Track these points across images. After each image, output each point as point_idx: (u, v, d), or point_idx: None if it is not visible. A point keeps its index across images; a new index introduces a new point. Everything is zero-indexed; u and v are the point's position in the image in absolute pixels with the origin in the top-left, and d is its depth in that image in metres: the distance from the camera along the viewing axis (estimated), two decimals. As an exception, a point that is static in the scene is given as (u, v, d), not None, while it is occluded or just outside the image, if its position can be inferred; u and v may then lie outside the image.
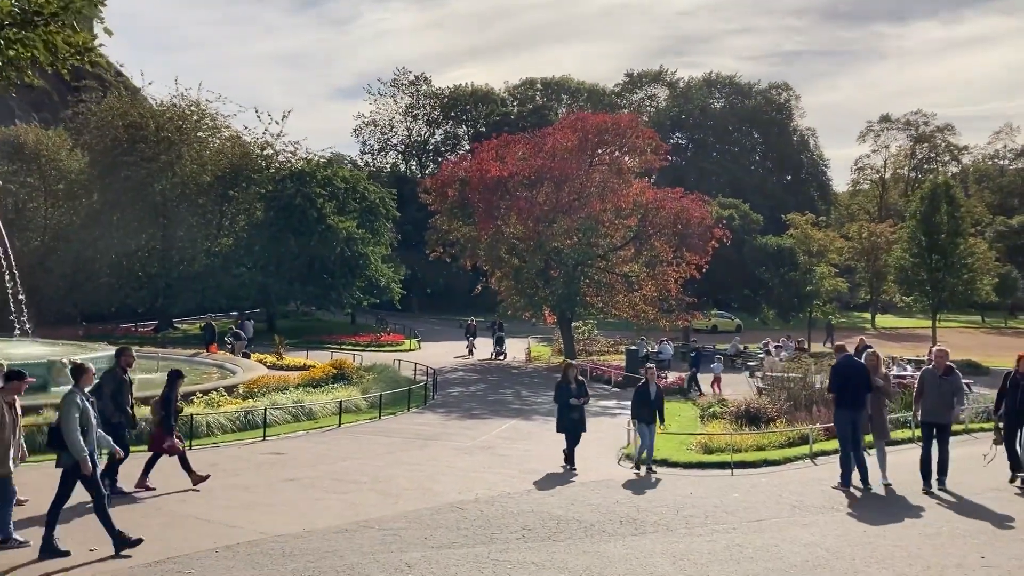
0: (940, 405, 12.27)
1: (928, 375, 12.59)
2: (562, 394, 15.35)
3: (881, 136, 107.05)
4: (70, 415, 8.80)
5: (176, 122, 48.93)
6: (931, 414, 12.37)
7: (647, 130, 40.95)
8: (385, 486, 12.71)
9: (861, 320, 74.00)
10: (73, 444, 8.76)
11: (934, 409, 12.33)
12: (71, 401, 8.92)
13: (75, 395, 8.98)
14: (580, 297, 36.89)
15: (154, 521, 10.35)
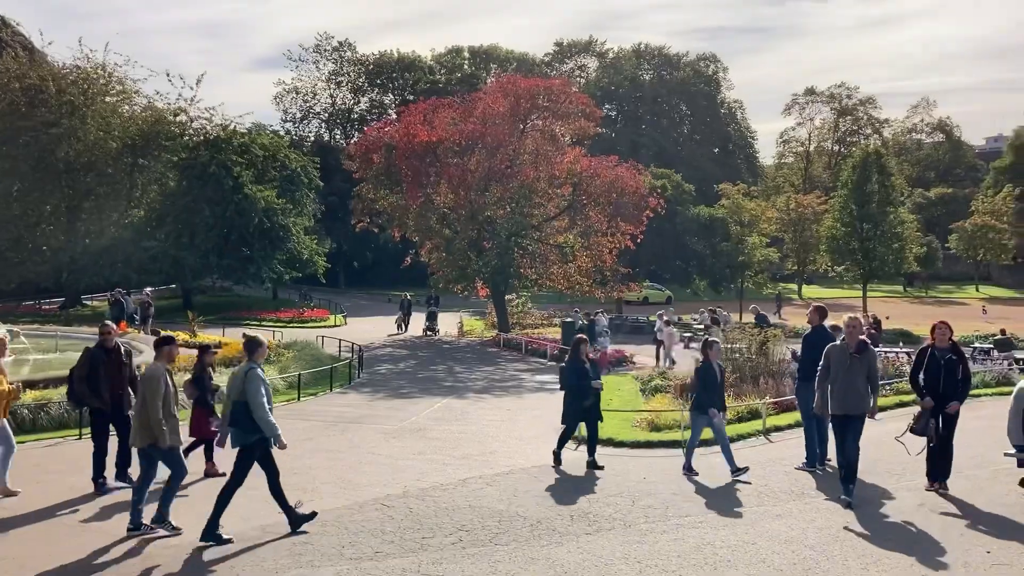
0: (850, 391, 9.57)
1: (836, 353, 9.77)
2: (574, 375, 12.29)
3: (806, 109, 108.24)
4: (258, 391, 8.38)
5: (80, 85, 45.66)
6: (841, 403, 9.67)
7: (580, 95, 39.65)
8: (300, 479, 11.18)
9: (788, 291, 74.62)
10: (266, 421, 8.42)
11: (844, 396, 9.63)
12: (256, 376, 8.48)
13: (256, 370, 8.56)
14: (514, 269, 35.56)
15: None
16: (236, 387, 8.52)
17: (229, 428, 8.59)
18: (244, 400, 8.42)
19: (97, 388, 10.75)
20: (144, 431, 8.69)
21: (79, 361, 11.03)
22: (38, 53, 49.93)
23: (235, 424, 8.52)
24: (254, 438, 8.52)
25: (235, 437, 8.56)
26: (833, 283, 77.41)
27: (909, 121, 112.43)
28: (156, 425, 8.57)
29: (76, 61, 46.94)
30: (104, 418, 10.98)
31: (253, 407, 8.37)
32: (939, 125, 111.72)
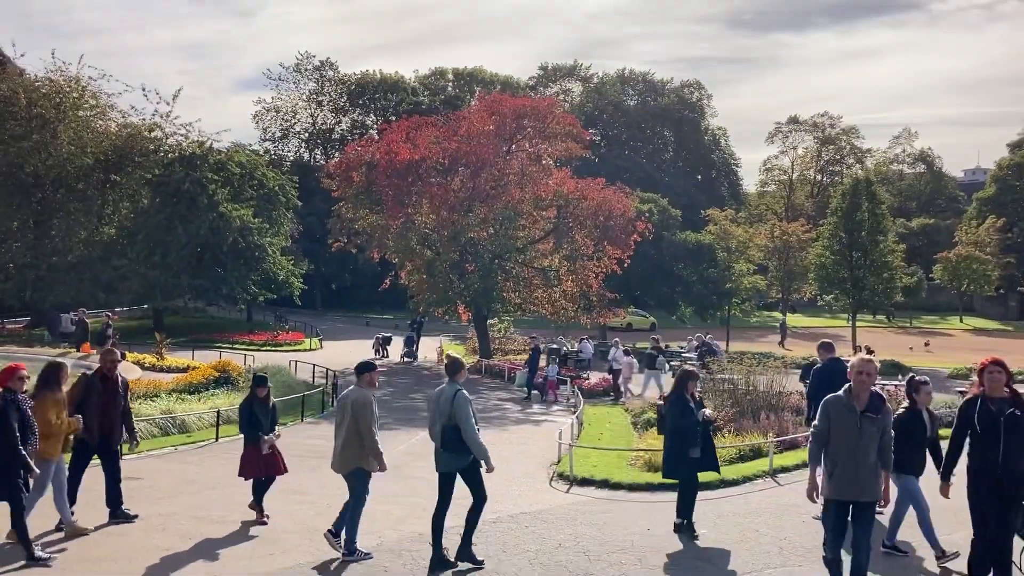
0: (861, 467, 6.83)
1: (838, 411, 6.96)
2: (679, 414, 9.71)
3: (789, 137, 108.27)
4: (469, 414, 8.35)
5: (52, 98, 44.22)
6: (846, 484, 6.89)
7: (567, 116, 38.78)
8: (261, 527, 9.90)
9: (772, 319, 73.80)
10: (477, 444, 8.40)
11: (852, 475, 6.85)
12: (465, 399, 8.39)
13: (464, 392, 8.46)
14: (497, 292, 34.40)
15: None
16: (444, 410, 8.41)
17: (442, 452, 8.52)
18: (454, 423, 8.31)
19: (86, 418, 9.80)
20: (351, 456, 8.81)
21: (73, 387, 10.01)
22: (10, 65, 48.50)
23: (448, 448, 8.44)
24: (468, 460, 8.46)
25: (449, 461, 8.52)
26: (817, 312, 76.76)
27: (891, 151, 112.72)
28: (373, 450, 8.79)
29: (49, 74, 45.54)
30: (87, 450, 10.17)
31: (465, 430, 8.29)
32: (920, 155, 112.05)
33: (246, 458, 10.65)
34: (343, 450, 8.85)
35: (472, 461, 8.48)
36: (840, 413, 6.97)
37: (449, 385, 8.53)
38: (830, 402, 7.09)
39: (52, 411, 9.18)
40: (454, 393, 8.39)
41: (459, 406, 8.31)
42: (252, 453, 10.60)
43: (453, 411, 8.32)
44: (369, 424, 8.72)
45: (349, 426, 8.76)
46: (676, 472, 9.95)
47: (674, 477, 10.03)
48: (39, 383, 9.32)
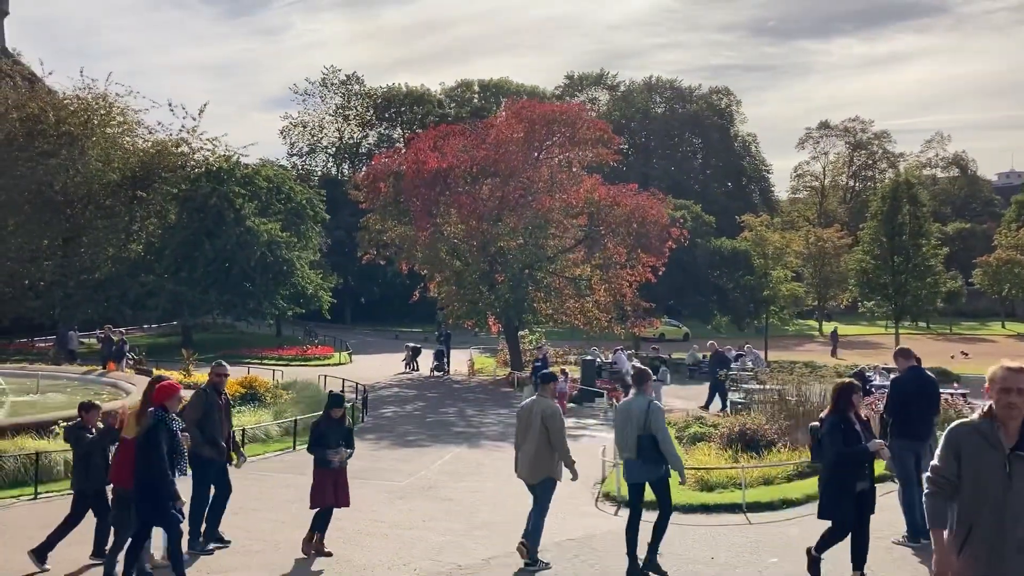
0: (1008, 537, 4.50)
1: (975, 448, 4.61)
2: (840, 439, 7.71)
3: (820, 143, 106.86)
4: (664, 425, 8.44)
5: (80, 115, 44.18)
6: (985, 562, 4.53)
7: (598, 121, 37.92)
8: (284, 559, 9.13)
9: (808, 327, 72.25)
10: (674, 455, 8.56)
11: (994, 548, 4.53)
12: (659, 409, 8.51)
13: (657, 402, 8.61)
14: (528, 303, 33.51)
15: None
16: (638, 422, 8.37)
17: (636, 463, 8.54)
18: (650, 434, 8.30)
19: (212, 435, 9.51)
20: (544, 466, 8.86)
21: (190, 403, 9.54)
22: (39, 83, 48.60)
23: (644, 459, 8.45)
24: (662, 471, 8.51)
25: (643, 472, 8.56)
26: (854, 319, 75.17)
27: (923, 155, 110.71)
28: (566, 458, 8.90)
29: (77, 92, 45.53)
30: (213, 469, 9.69)
31: (662, 440, 8.35)
32: (954, 159, 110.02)
33: (319, 484, 9.69)
34: (536, 460, 8.86)
35: (665, 472, 8.54)
36: (977, 450, 4.62)
37: (639, 396, 8.59)
38: (960, 434, 4.70)
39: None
40: (647, 404, 8.45)
41: (655, 417, 8.35)
42: (324, 479, 9.69)
43: (648, 422, 8.33)
44: (561, 433, 8.86)
45: (539, 436, 8.80)
46: (835, 512, 8.00)
47: (831, 518, 8.13)
48: (144, 400, 8.76)
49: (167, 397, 7.97)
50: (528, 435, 8.92)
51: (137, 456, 7.87)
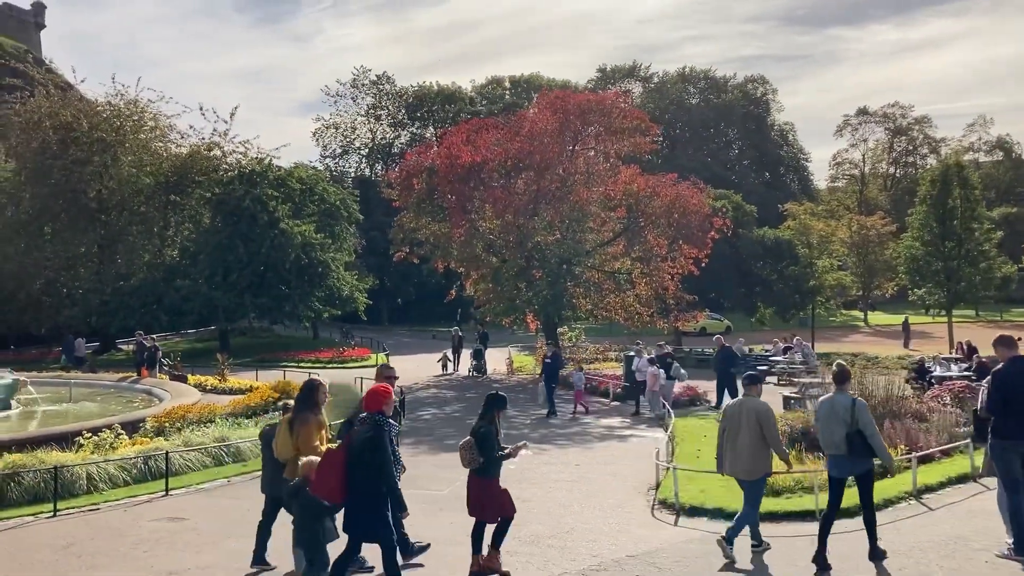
0: None
1: None
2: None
3: (859, 130, 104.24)
4: (871, 420, 8.70)
5: (112, 122, 44.09)
6: None
7: (635, 110, 36.81)
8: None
9: (852, 318, 70.32)
10: (883, 449, 8.86)
11: None
12: (864, 406, 8.70)
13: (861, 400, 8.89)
14: (567, 299, 32.56)
15: None
16: (845, 418, 8.55)
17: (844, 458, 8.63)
18: (858, 429, 8.48)
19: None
20: (762, 464, 9.10)
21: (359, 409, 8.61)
22: (71, 91, 48.64)
23: (854, 454, 8.56)
24: (869, 465, 8.77)
25: (851, 466, 8.68)
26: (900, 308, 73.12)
27: (966, 140, 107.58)
28: (780, 452, 9.25)
29: (109, 98, 45.47)
30: None
31: (871, 435, 8.56)
32: (998, 143, 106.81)
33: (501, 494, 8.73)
34: (754, 458, 9.05)
35: (871, 466, 8.85)
36: None
37: (841, 394, 8.74)
38: None
39: (317, 435, 8.15)
40: (852, 401, 8.63)
41: (862, 413, 8.57)
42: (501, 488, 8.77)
43: (856, 418, 8.51)
44: (776, 430, 9.21)
45: (754, 434, 9.00)
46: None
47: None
48: (298, 404, 8.38)
49: (383, 401, 7.55)
50: (740, 434, 9.11)
51: (354, 465, 7.32)
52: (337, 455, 7.44)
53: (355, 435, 7.44)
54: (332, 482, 7.36)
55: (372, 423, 7.37)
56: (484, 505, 8.60)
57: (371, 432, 7.28)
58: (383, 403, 7.54)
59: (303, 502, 7.34)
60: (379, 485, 7.24)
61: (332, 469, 7.39)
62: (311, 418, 8.22)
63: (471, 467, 8.58)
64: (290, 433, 8.21)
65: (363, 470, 7.24)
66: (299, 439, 7.98)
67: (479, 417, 8.87)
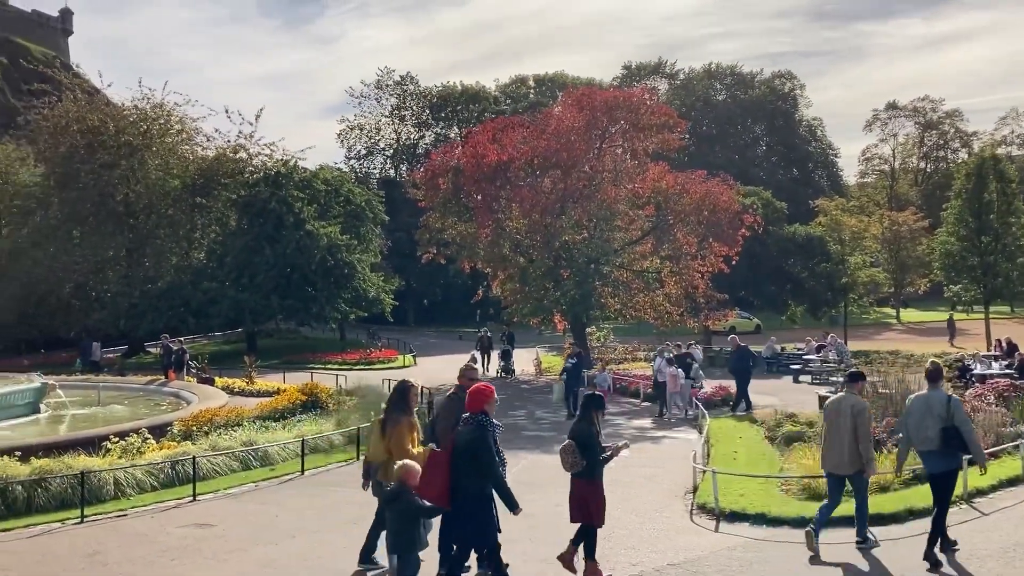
0: None
1: None
2: None
3: (888, 124, 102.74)
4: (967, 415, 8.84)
5: (139, 125, 44.30)
6: None
7: (662, 106, 36.35)
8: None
9: (884, 315, 69.29)
10: (978, 445, 8.94)
11: None
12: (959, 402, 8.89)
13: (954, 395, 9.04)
14: (595, 299, 32.16)
15: None
16: (940, 414, 8.63)
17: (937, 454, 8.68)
18: (953, 425, 8.53)
19: None
20: (855, 460, 9.12)
21: (444, 409, 8.94)
22: (98, 96, 48.94)
23: (948, 449, 8.65)
24: (959, 462, 8.94)
25: (944, 462, 8.73)
26: (932, 305, 71.96)
27: (998, 133, 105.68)
28: (867, 453, 9.22)
29: (135, 102, 45.69)
30: None
31: (966, 432, 8.57)
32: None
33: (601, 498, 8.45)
34: (852, 452, 9.13)
35: (960, 463, 9.08)
36: None
37: (936, 390, 8.86)
38: None
39: (409, 437, 8.10)
40: (948, 398, 8.76)
41: (958, 409, 8.66)
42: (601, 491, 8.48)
43: (951, 414, 8.60)
44: (868, 427, 9.27)
45: (852, 430, 9.10)
46: None
47: None
48: (391, 405, 8.33)
49: (486, 401, 7.50)
50: (839, 430, 9.22)
51: (459, 466, 7.27)
52: (442, 457, 7.41)
53: (459, 436, 7.38)
54: (438, 484, 7.32)
55: (476, 423, 7.33)
56: (590, 508, 8.33)
57: (476, 432, 7.24)
58: (486, 403, 7.49)
59: (402, 507, 7.16)
60: (484, 486, 7.20)
61: (437, 471, 7.36)
62: (403, 420, 8.17)
63: (573, 470, 8.31)
64: (382, 435, 8.14)
65: (468, 471, 7.22)
66: (391, 441, 7.97)
67: (577, 419, 8.66)
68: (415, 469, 7.17)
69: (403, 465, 7.25)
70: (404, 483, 7.11)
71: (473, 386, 7.83)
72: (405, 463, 7.29)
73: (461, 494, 7.25)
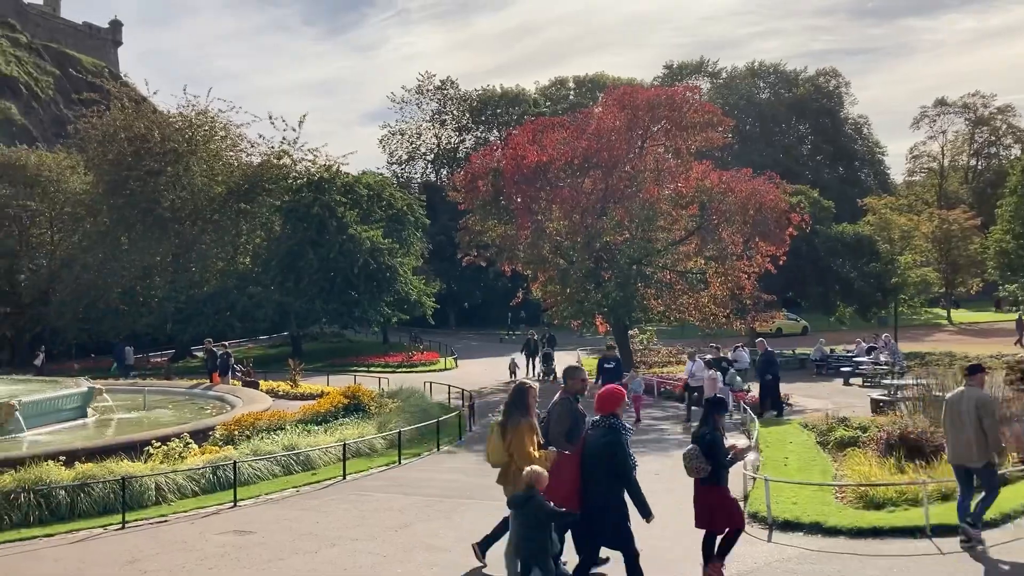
0: None
1: None
2: None
3: (937, 121, 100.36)
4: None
5: (184, 132, 44.89)
6: None
7: (706, 104, 35.78)
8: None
9: (934, 316, 67.59)
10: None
11: None
12: None
13: None
14: (638, 300, 31.70)
15: None
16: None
17: None
18: None
19: None
20: (984, 451, 9.11)
21: (557, 413, 8.33)
22: (144, 104, 49.69)
23: None
24: None
25: None
26: (983, 306, 70.13)
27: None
28: (996, 446, 9.24)
29: (180, 109, 46.32)
30: None
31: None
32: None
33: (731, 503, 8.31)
34: (978, 445, 9.09)
35: None
36: None
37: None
38: None
39: (529, 439, 7.91)
40: None
41: None
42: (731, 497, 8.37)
43: None
44: (996, 423, 9.23)
45: (976, 422, 9.08)
46: None
47: None
48: (509, 408, 8.12)
49: (618, 403, 7.42)
50: (963, 424, 9.17)
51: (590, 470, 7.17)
52: (572, 460, 7.29)
53: (590, 438, 7.26)
54: (568, 488, 7.22)
55: (609, 426, 7.22)
56: (714, 515, 8.15)
57: (611, 435, 7.13)
58: (618, 405, 7.39)
59: (531, 511, 7.03)
60: (617, 490, 7.08)
61: (567, 475, 7.24)
62: (523, 422, 8.01)
63: (697, 476, 8.12)
64: (502, 438, 8.00)
65: (600, 475, 7.09)
66: (512, 444, 7.85)
67: (700, 423, 8.42)
68: (544, 475, 7.12)
69: (532, 470, 7.16)
70: (533, 487, 7.03)
71: (604, 389, 7.74)
72: (534, 468, 7.20)
73: (593, 498, 7.14)
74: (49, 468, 12.22)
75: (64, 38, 76.55)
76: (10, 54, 65.10)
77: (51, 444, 15.42)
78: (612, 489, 7.09)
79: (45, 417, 19.01)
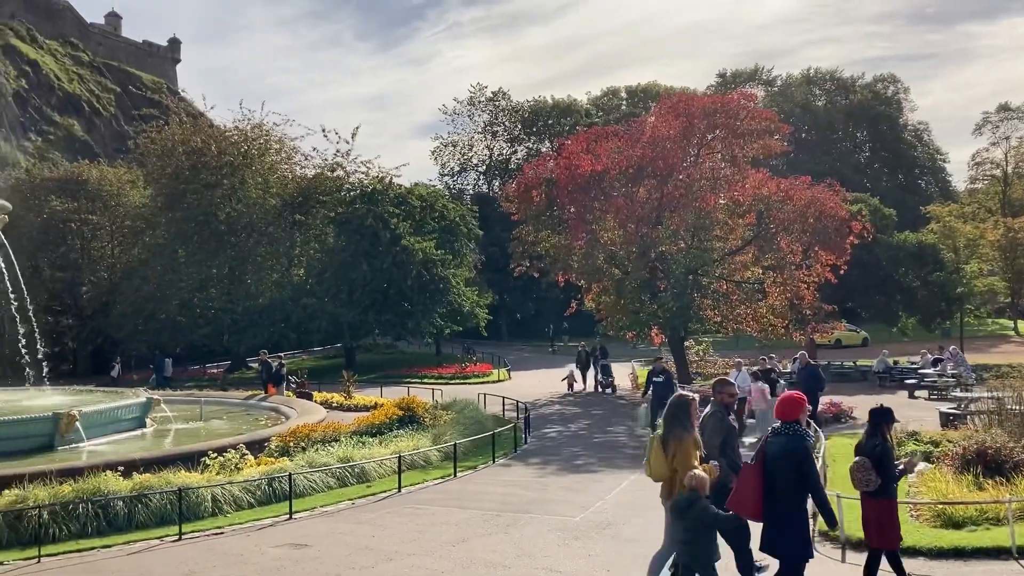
0: None
1: None
2: None
3: (1000, 127, 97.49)
4: None
5: (240, 146, 45.60)
6: None
7: (763, 110, 35.08)
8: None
9: (1000, 327, 65.39)
10: None
11: None
12: None
13: None
14: (694, 311, 31.13)
15: None
16: None
17: None
18: None
19: (735, 461, 8.33)
20: None
21: (710, 427, 8.38)
22: (202, 118, 50.63)
23: None
24: None
25: None
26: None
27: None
28: None
29: (236, 123, 47.08)
30: None
31: None
32: None
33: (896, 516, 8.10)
34: None
35: None
36: None
37: None
38: None
39: (694, 454, 7.78)
40: None
41: None
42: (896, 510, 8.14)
43: None
44: None
45: None
46: None
47: None
48: (671, 421, 7.96)
49: (800, 410, 7.28)
50: None
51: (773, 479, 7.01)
52: (754, 470, 7.15)
53: (771, 446, 7.13)
54: (751, 498, 7.09)
55: (794, 434, 7.08)
56: (886, 530, 7.88)
57: (796, 443, 7.00)
58: (800, 412, 7.22)
59: (694, 515, 6.94)
60: (799, 499, 6.96)
61: (750, 484, 7.11)
62: (686, 436, 7.80)
63: (866, 488, 7.87)
64: (664, 452, 7.81)
65: (785, 483, 6.94)
66: (676, 458, 7.67)
67: (867, 435, 8.13)
68: (706, 479, 7.09)
69: (694, 475, 7.08)
70: (696, 491, 6.95)
71: (784, 395, 7.56)
72: (696, 473, 7.13)
73: (775, 507, 6.97)
74: (107, 478, 12.25)
75: (125, 56, 78.50)
76: (73, 72, 66.95)
77: (110, 454, 15.52)
78: (793, 497, 6.95)
79: (105, 427, 19.17)
